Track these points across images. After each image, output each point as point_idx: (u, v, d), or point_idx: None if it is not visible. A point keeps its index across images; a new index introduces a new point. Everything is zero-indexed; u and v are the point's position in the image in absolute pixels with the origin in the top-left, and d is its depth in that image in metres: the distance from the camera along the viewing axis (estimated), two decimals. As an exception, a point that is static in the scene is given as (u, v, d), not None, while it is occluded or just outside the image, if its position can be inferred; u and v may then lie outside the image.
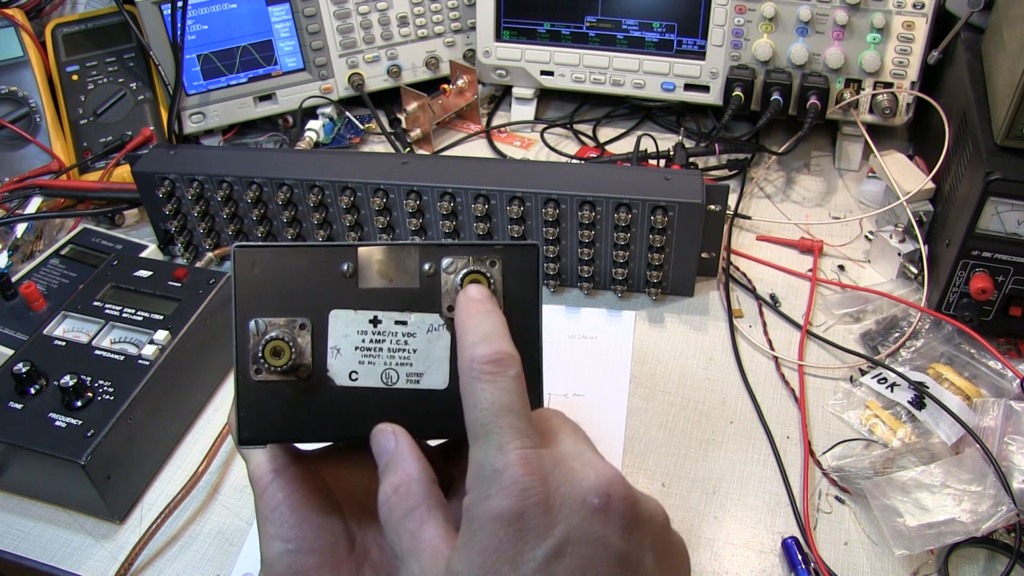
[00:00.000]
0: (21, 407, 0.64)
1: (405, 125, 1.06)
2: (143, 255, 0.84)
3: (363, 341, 0.42)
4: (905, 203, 0.81)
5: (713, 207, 0.76)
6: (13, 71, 0.99)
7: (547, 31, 1.03)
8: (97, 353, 0.68)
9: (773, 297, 0.82)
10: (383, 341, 0.42)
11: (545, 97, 1.12)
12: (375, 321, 0.42)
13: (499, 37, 1.05)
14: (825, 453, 0.67)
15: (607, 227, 0.77)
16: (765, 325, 0.79)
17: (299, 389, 0.42)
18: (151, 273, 0.75)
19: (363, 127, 1.08)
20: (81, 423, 0.62)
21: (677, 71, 0.99)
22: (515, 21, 1.04)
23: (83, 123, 0.99)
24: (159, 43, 0.97)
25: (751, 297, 0.82)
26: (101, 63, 1.02)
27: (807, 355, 0.76)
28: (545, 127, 1.09)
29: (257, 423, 0.42)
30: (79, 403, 0.63)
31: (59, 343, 0.69)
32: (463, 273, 0.41)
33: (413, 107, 1.03)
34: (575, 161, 1.02)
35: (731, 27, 0.95)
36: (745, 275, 0.84)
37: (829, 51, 0.92)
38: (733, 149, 0.98)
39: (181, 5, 0.90)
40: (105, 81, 1.01)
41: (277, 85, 1.05)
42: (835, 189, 0.96)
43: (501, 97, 1.15)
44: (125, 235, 0.88)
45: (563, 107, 1.12)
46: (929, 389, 0.67)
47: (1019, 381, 0.67)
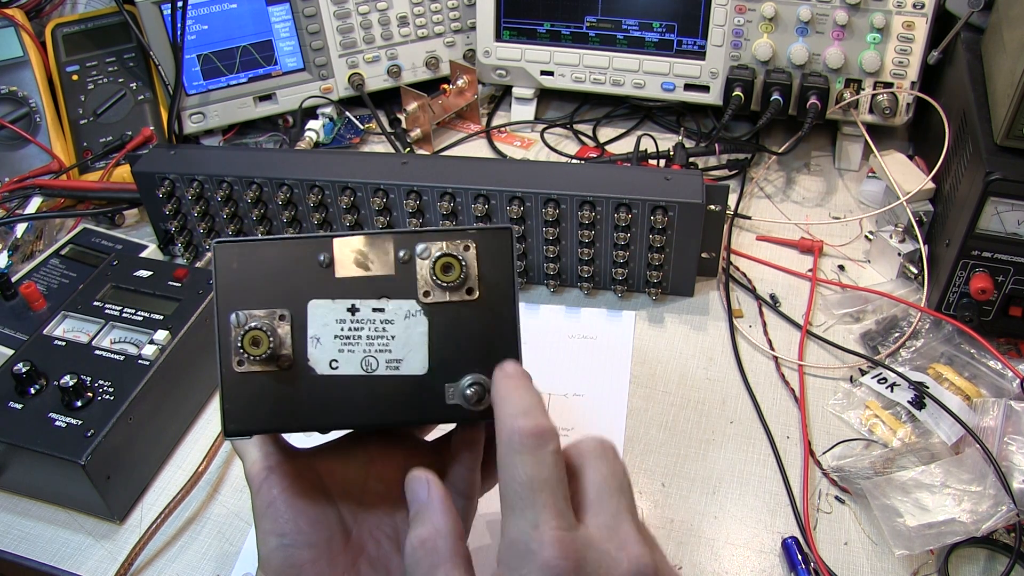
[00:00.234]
0: (21, 407, 0.64)
1: (405, 125, 1.06)
2: (143, 255, 0.84)
3: (342, 330, 0.43)
4: (905, 203, 0.81)
5: (713, 207, 0.76)
6: (13, 71, 0.99)
7: (547, 31, 1.03)
8: (97, 353, 0.68)
9: (773, 297, 0.82)
10: (362, 329, 0.43)
11: (545, 97, 1.12)
12: (353, 309, 0.43)
13: (499, 37, 1.05)
14: (825, 453, 0.67)
15: (607, 227, 0.77)
16: (765, 325, 0.79)
17: (282, 379, 0.42)
18: (151, 273, 0.75)
19: (363, 127, 1.08)
20: (81, 423, 0.62)
21: (677, 71, 0.99)
22: (515, 21, 1.04)
23: (83, 123, 0.99)
24: (159, 43, 0.97)
25: (751, 297, 0.82)
26: (101, 63, 1.02)
27: (807, 355, 0.76)
28: (545, 127, 1.08)
29: (242, 414, 0.42)
30: (79, 403, 0.63)
31: (59, 343, 0.69)
32: (436, 257, 0.42)
33: (413, 107, 1.03)
34: (575, 161, 1.02)
35: (731, 27, 0.95)
36: (745, 275, 0.84)
37: (829, 51, 0.92)
38: (733, 149, 0.98)
39: (181, 5, 0.90)
40: (105, 81, 1.01)
41: (277, 85, 1.05)
42: (835, 189, 0.96)
43: (501, 97, 1.15)
44: (125, 235, 0.88)
45: (563, 107, 1.12)
46: (929, 389, 0.67)
47: (1019, 381, 0.67)
